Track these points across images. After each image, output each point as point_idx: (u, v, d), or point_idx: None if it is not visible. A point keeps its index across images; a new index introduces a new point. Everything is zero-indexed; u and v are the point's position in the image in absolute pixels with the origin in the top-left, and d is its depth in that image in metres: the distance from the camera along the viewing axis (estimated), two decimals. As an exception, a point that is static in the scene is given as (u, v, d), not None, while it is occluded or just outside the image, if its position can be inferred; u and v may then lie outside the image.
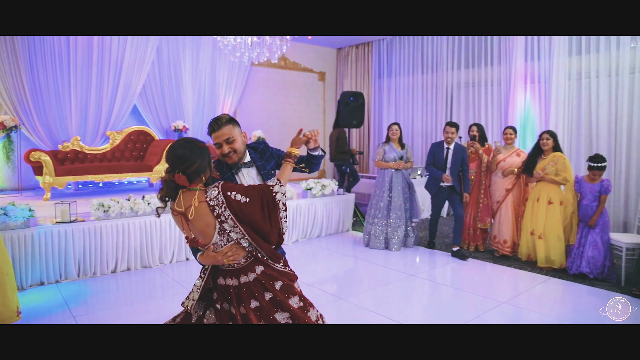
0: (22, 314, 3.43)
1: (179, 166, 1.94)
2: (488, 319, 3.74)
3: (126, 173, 6.70)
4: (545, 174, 4.91)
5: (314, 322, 2.09)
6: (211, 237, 2.00)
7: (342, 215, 6.86)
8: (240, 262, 2.05)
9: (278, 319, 2.02)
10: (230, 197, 1.97)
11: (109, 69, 7.08)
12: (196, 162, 1.97)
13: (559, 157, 4.92)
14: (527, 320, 3.75)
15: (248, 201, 1.98)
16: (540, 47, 7.12)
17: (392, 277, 4.82)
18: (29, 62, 6.44)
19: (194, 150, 1.99)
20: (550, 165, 4.92)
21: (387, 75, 9.72)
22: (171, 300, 4.12)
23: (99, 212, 4.74)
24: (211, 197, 1.97)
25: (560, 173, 4.86)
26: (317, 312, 2.15)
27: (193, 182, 1.99)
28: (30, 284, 4.32)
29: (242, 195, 1.98)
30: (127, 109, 7.39)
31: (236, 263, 2.05)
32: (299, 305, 2.09)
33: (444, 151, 5.52)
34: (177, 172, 1.94)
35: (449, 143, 5.51)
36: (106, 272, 4.76)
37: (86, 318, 3.69)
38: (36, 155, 5.99)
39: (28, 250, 4.28)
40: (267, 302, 2.03)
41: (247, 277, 2.05)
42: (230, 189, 1.99)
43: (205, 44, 8.13)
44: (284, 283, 2.10)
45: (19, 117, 6.42)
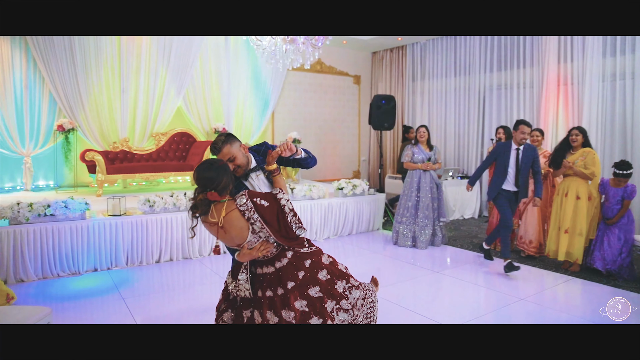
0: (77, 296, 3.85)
1: (210, 186, 2.27)
2: (503, 313, 3.90)
3: (170, 172, 7.19)
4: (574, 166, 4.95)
5: (340, 294, 2.45)
6: (245, 237, 2.34)
7: (372, 214, 7.08)
8: (273, 252, 2.42)
9: (311, 294, 2.39)
10: (257, 203, 2.31)
11: (156, 75, 7.61)
12: (223, 180, 2.31)
13: (589, 152, 4.96)
14: (540, 317, 3.88)
15: (268, 205, 2.32)
16: (573, 48, 7.09)
17: (418, 274, 5.02)
18: (84, 71, 7.03)
19: (219, 170, 2.32)
20: (580, 160, 4.95)
21: (421, 78, 9.86)
22: (208, 289, 4.50)
23: (145, 206, 5.19)
24: (240, 204, 2.31)
25: (589, 167, 4.88)
26: (344, 284, 2.50)
27: (222, 195, 2.32)
28: (85, 269, 4.82)
29: (264, 200, 2.33)
30: (171, 112, 7.90)
31: (269, 253, 2.40)
32: (326, 278, 2.46)
33: (512, 152, 4.98)
34: (209, 190, 2.28)
35: (522, 144, 4.94)
36: (151, 262, 5.20)
37: (132, 300, 4.10)
38: (90, 155, 6.55)
39: (84, 239, 4.78)
40: (301, 280, 2.40)
41: (281, 263, 2.42)
42: (255, 196, 2.34)
43: (243, 50, 8.55)
44: (312, 260, 2.48)
45: (76, 121, 7.02)
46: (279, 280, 2.40)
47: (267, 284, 2.41)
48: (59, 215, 4.69)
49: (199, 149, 7.56)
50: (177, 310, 4.00)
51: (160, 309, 4.00)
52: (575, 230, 4.94)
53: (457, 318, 3.80)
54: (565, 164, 4.97)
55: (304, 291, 2.38)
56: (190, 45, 7.80)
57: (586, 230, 4.91)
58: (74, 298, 4.17)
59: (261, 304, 2.39)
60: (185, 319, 3.74)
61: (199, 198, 2.30)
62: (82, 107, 7.07)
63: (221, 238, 2.35)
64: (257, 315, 2.40)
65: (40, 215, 4.62)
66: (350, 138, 10.69)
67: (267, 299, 2.38)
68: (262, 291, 2.41)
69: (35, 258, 4.57)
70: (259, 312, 2.39)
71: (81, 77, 7.00)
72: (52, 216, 4.68)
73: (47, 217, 4.66)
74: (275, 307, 2.35)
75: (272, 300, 2.37)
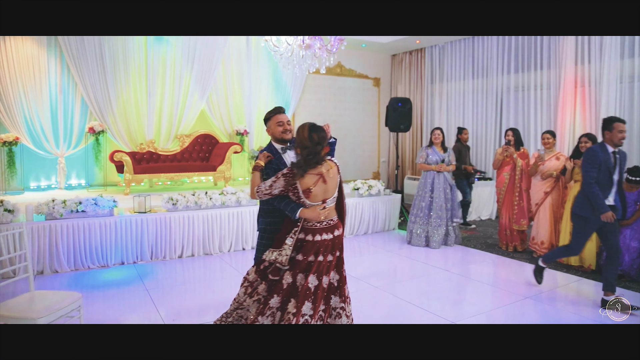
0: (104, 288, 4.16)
1: (323, 142, 2.68)
2: (507, 310, 4.03)
3: (193, 172, 7.51)
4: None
5: (347, 288, 2.86)
6: (332, 194, 2.73)
7: (388, 215, 7.24)
8: (334, 220, 2.76)
9: (337, 275, 2.78)
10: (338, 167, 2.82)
11: (180, 79, 7.96)
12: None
13: None
14: (548, 317, 3.99)
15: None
16: (590, 50, 7.10)
17: (429, 272, 5.17)
18: (113, 76, 7.43)
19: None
20: None
21: (439, 80, 9.96)
22: (228, 283, 4.75)
23: (168, 204, 5.49)
24: (337, 164, 2.80)
25: None
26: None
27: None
28: (113, 262, 5.15)
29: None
30: (195, 114, 8.24)
31: (331, 220, 2.73)
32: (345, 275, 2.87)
33: (611, 157, 4.00)
34: (325, 145, 2.70)
35: (619, 145, 4.00)
36: (174, 257, 5.50)
37: (156, 292, 4.39)
38: (118, 156, 6.91)
39: (112, 234, 5.11)
40: (339, 258, 2.80)
41: (338, 232, 2.78)
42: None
43: (264, 54, 8.82)
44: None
45: (105, 123, 7.42)
46: (332, 248, 2.73)
47: (324, 250, 2.69)
48: (89, 211, 5.03)
49: (221, 150, 7.86)
50: (197, 303, 4.26)
51: (182, 301, 4.27)
52: None
53: (465, 315, 3.94)
54: (577, 164, 5.03)
55: (340, 268, 2.81)
56: (213, 50, 8.12)
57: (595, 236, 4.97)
58: (102, 288, 4.49)
59: (312, 267, 2.65)
60: (205, 311, 3.97)
61: (317, 151, 2.65)
62: (111, 111, 7.46)
63: (317, 188, 2.65)
64: (300, 279, 2.66)
65: (72, 212, 4.97)
66: (369, 140, 10.86)
67: (327, 262, 2.70)
68: (322, 256, 2.68)
69: (68, 251, 4.93)
70: (304, 275, 2.65)
71: (110, 82, 7.39)
72: (84, 212, 5.02)
73: (79, 214, 5.01)
74: (339, 267, 2.78)
75: (331, 264, 2.73)
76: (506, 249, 6.00)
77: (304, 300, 2.58)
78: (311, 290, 2.61)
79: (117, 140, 7.61)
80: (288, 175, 2.62)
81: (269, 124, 3.08)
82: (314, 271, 2.64)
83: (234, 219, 5.83)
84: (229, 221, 5.81)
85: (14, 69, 6.80)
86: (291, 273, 2.67)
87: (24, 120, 6.95)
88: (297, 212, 2.65)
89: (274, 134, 3.05)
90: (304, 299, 2.58)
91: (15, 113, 6.85)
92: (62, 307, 2.86)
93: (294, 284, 2.65)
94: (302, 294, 2.58)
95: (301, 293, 2.59)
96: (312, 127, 2.69)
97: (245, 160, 8.83)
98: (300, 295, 2.58)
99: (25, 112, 6.95)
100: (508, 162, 5.91)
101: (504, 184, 5.94)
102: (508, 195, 5.92)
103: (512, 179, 5.88)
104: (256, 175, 2.82)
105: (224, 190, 5.89)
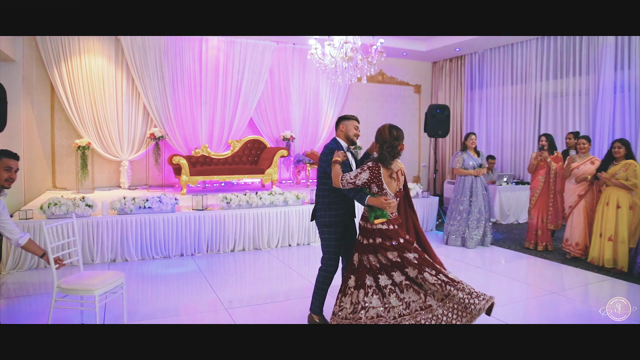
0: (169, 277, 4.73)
1: (401, 138, 3.10)
2: (531, 304, 4.30)
3: (243, 175, 8.10)
4: (616, 179, 5.20)
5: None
6: (396, 189, 3.13)
7: (426, 216, 7.55)
8: (395, 214, 3.18)
9: (390, 256, 3.09)
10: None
11: (231, 89, 8.61)
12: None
13: (631, 163, 5.19)
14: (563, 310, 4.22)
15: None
16: (630, 55, 7.16)
17: (465, 270, 5.46)
18: (171, 86, 8.16)
19: None
20: (622, 171, 5.21)
21: (479, 86, 10.16)
22: (276, 276, 5.23)
23: (222, 203, 6.06)
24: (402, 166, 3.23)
25: (631, 179, 5.12)
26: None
27: None
28: (174, 254, 5.76)
29: None
30: (245, 121, 8.86)
31: (394, 213, 3.16)
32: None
33: None
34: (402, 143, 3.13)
35: None
36: (227, 250, 6.05)
37: (214, 279, 4.92)
38: (176, 159, 7.58)
39: (173, 229, 5.72)
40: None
41: (396, 225, 3.16)
42: None
43: (309, 62, 9.33)
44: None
45: (164, 129, 8.14)
46: (389, 237, 3.09)
47: (379, 237, 3.11)
48: (155, 208, 5.66)
49: (269, 154, 8.41)
50: (250, 291, 4.75)
51: (236, 289, 4.76)
52: (618, 238, 5.18)
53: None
54: (601, 176, 5.24)
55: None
56: (262, 61, 8.73)
57: (627, 238, 5.14)
58: (165, 276, 5.08)
59: (388, 248, 3.06)
60: (256, 299, 4.42)
61: (400, 148, 3.10)
62: (169, 118, 8.18)
63: (389, 182, 3.08)
64: (373, 259, 3.09)
65: (141, 208, 5.61)
66: (411, 145, 11.14)
67: (376, 244, 3.11)
68: (378, 240, 3.10)
69: (136, 242, 5.57)
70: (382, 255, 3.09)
71: (169, 92, 8.12)
72: (150, 209, 5.65)
73: (145, 209, 5.65)
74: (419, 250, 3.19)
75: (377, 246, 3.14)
76: (534, 248, 6.21)
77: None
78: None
79: (175, 145, 8.31)
80: (373, 168, 3.07)
81: (344, 123, 3.45)
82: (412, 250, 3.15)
83: (281, 217, 6.33)
84: (277, 219, 6.31)
85: (87, 83, 7.64)
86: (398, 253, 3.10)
87: (94, 127, 7.77)
88: (366, 199, 3.11)
89: (347, 133, 3.44)
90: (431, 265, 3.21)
91: (87, 121, 7.68)
92: (111, 282, 3.41)
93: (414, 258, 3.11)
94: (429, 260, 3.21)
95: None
96: (391, 126, 3.14)
97: (290, 164, 9.36)
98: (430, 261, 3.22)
99: (95, 119, 7.76)
100: (543, 166, 6.13)
101: (538, 186, 6.17)
102: (542, 197, 6.14)
103: (547, 181, 6.11)
104: (337, 168, 3.24)
105: (273, 191, 6.40)
